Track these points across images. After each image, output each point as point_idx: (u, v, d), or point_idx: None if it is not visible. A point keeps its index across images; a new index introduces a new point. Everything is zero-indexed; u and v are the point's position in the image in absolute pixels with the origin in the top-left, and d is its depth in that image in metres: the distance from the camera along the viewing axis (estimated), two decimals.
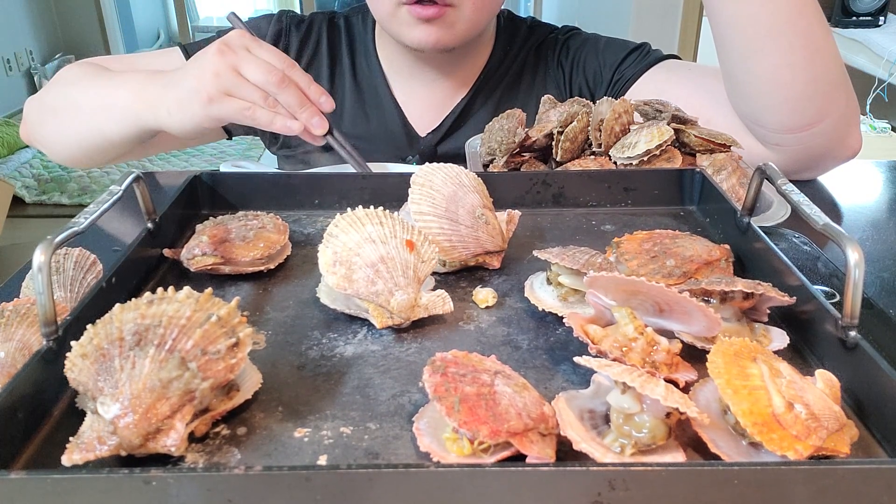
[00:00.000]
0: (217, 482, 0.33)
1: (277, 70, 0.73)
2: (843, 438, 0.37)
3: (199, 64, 0.75)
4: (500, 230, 0.59)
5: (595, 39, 1.08)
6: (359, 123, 1.07)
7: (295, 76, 0.74)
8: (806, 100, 0.81)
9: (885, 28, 2.44)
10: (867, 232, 0.79)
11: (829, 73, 0.82)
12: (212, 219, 0.63)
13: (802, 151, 0.86)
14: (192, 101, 0.75)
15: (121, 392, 0.37)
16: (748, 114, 0.86)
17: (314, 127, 0.74)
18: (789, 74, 0.80)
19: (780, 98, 0.81)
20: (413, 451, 0.39)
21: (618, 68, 1.02)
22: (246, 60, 0.74)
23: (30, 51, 4.43)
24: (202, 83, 0.74)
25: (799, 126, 0.83)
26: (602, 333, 0.45)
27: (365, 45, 1.07)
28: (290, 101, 0.73)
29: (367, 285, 0.49)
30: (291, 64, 0.75)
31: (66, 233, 0.45)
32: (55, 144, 0.98)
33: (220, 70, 0.73)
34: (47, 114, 0.96)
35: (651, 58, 1.01)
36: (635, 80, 0.99)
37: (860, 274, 0.42)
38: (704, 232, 0.64)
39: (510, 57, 1.08)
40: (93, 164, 0.99)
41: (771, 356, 0.41)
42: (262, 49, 0.75)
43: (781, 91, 0.81)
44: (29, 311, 0.47)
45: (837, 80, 0.83)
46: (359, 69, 1.07)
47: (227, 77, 0.73)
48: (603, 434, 0.39)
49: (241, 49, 0.74)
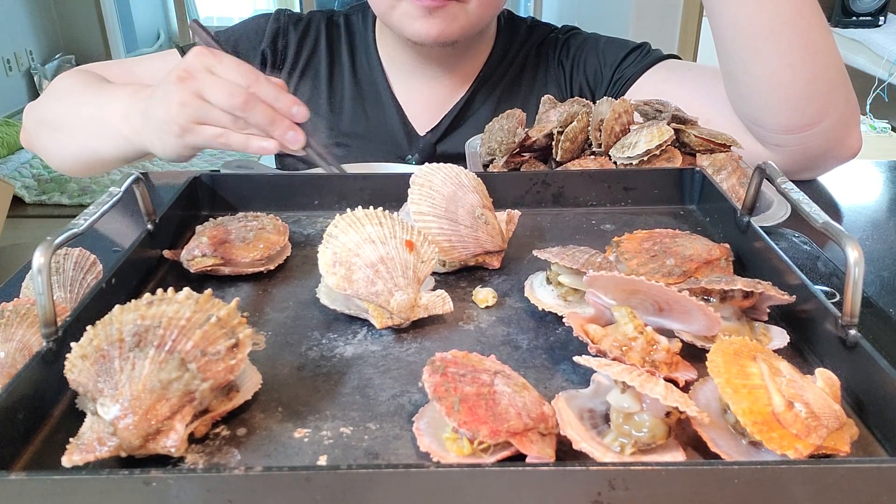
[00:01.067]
0: (217, 483, 0.33)
1: (241, 90, 0.70)
2: (842, 437, 0.37)
3: (165, 94, 0.73)
4: (500, 230, 0.59)
5: (595, 39, 1.08)
6: (358, 122, 1.06)
7: (262, 91, 0.71)
8: (805, 100, 0.81)
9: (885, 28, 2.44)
10: (867, 231, 0.79)
11: (829, 72, 0.82)
12: (212, 220, 0.63)
13: (802, 152, 0.86)
14: (167, 134, 0.75)
15: (121, 393, 0.37)
16: (748, 114, 0.86)
17: (289, 143, 0.71)
18: (789, 75, 0.80)
19: (779, 98, 0.81)
20: (413, 451, 0.39)
21: (618, 67, 1.02)
22: (208, 85, 0.71)
23: (30, 51, 4.43)
24: (170, 115, 0.73)
25: (798, 126, 0.83)
26: (602, 333, 0.45)
27: (365, 42, 1.07)
28: (260, 121, 0.70)
29: (366, 286, 0.49)
30: (256, 78, 0.71)
31: (66, 234, 0.45)
32: (53, 156, 0.98)
33: (184, 100, 0.72)
34: (43, 127, 0.96)
35: (651, 57, 1.00)
36: (635, 79, 0.99)
37: (860, 273, 0.42)
38: (704, 231, 0.63)
39: (510, 56, 1.07)
40: (93, 174, 1.00)
41: (771, 355, 0.41)
42: (224, 66, 0.71)
43: (781, 91, 0.81)
44: (29, 312, 0.47)
45: (837, 80, 0.83)
46: (359, 67, 1.07)
47: (193, 106, 0.72)
48: (603, 433, 0.39)
49: (202, 72, 0.71)
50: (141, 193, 0.58)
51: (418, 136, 1.06)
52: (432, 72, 1.04)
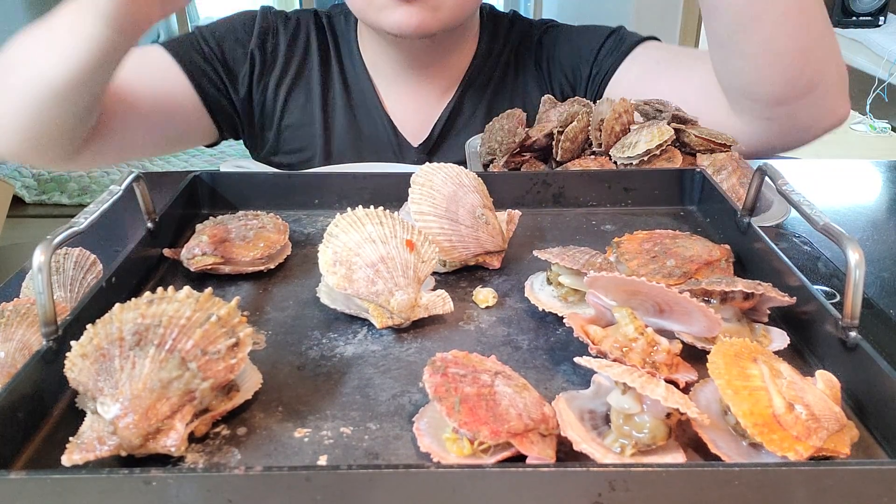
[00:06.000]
0: (217, 482, 0.33)
1: None
2: (843, 439, 0.37)
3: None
4: (500, 230, 0.59)
5: (568, 31, 1.05)
6: (351, 132, 1.04)
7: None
8: (799, 69, 0.79)
9: (885, 28, 2.44)
10: (867, 232, 0.79)
11: (822, 40, 0.80)
12: (212, 218, 0.63)
13: (791, 124, 0.84)
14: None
15: (121, 392, 0.37)
16: (740, 87, 0.83)
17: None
18: (783, 43, 0.78)
19: (773, 66, 0.79)
20: (413, 451, 0.39)
21: (595, 60, 1.00)
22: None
23: None
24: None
25: (792, 96, 0.81)
26: (602, 334, 0.45)
27: (349, 46, 1.04)
28: None
29: (367, 285, 0.49)
30: None
31: (66, 233, 0.45)
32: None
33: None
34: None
35: (625, 45, 0.98)
36: (613, 71, 0.97)
37: (860, 274, 0.42)
38: (704, 232, 0.63)
39: (495, 54, 1.05)
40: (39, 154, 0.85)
41: (771, 357, 0.41)
42: None
43: (776, 60, 0.79)
44: (29, 311, 0.47)
45: (829, 46, 0.81)
46: (347, 72, 1.04)
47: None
48: (603, 435, 0.39)
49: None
50: (141, 192, 0.57)
51: (411, 148, 1.04)
52: (417, 75, 1.02)
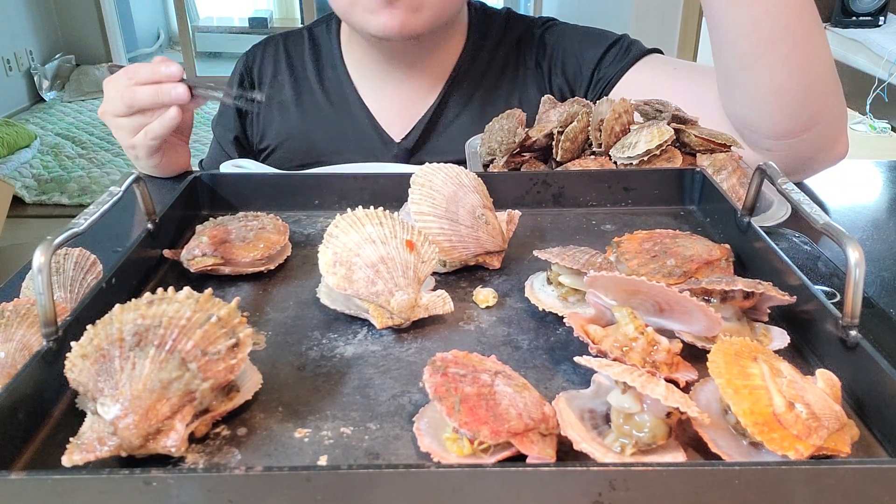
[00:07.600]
0: (217, 483, 0.33)
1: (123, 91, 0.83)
2: (843, 438, 0.37)
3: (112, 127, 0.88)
4: (501, 230, 0.59)
5: (572, 32, 1.04)
6: (332, 134, 1.04)
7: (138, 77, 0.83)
8: (801, 106, 0.80)
9: (885, 28, 2.44)
10: (867, 232, 0.79)
11: (824, 78, 0.81)
12: (212, 219, 0.63)
13: (792, 155, 0.85)
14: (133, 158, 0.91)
15: (121, 393, 0.37)
16: (741, 117, 0.85)
17: (178, 99, 0.82)
18: (787, 80, 0.79)
19: (776, 104, 0.81)
20: (413, 451, 0.39)
21: (598, 66, 0.99)
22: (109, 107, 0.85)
23: (30, 51, 4.42)
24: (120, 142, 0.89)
25: (792, 131, 0.82)
26: (602, 333, 0.45)
27: (331, 53, 1.06)
28: (147, 101, 0.82)
29: (367, 286, 0.49)
30: (135, 71, 0.83)
31: (66, 233, 0.45)
32: None
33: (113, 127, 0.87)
34: None
35: (631, 56, 0.97)
36: (617, 80, 0.97)
37: (861, 273, 0.42)
38: (705, 231, 0.63)
39: (485, 53, 1.04)
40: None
41: (771, 356, 0.41)
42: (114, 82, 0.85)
43: (778, 97, 0.80)
44: (29, 312, 0.47)
45: (831, 85, 0.82)
46: (326, 80, 1.05)
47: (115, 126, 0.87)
48: (603, 434, 0.39)
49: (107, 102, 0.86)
50: (141, 193, 0.58)
51: (394, 144, 1.03)
52: (401, 73, 1.01)
